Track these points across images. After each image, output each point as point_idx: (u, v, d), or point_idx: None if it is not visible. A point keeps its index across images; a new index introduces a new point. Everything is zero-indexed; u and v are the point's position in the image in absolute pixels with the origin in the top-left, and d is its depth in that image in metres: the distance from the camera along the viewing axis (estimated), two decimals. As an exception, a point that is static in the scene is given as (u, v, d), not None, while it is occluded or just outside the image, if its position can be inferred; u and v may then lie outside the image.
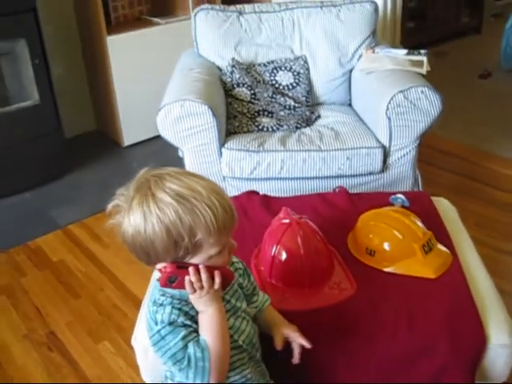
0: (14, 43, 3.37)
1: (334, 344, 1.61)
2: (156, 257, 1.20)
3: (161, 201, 1.15)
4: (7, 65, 3.49)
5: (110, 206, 1.24)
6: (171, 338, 1.22)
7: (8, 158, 3.46)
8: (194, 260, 1.21)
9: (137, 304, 2.37)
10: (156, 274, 1.32)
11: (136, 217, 1.17)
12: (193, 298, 1.23)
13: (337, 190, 2.29)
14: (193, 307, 1.25)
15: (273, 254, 1.73)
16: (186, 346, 1.22)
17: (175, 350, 1.23)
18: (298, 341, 1.44)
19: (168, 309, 1.23)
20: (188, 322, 1.24)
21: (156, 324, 1.24)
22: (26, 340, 2.42)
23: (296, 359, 1.44)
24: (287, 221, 1.75)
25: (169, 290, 1.25)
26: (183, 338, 1.22)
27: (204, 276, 1.20)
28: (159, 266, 1.23)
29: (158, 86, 3.20)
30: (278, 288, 1.73)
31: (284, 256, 1.72)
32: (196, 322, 1.25)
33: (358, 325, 1.63)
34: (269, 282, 1.75)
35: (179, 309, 1.24)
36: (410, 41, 4.54)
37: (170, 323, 1.22)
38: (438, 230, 1.91)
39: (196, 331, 1.25)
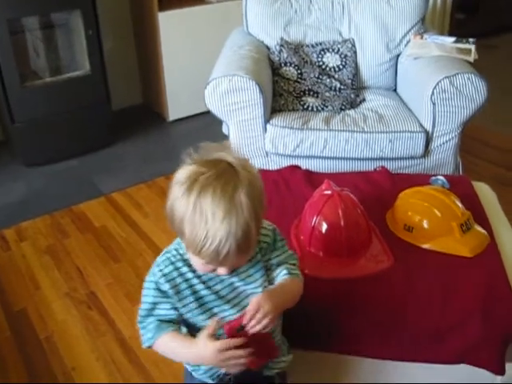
0: (70, 14, 3.48)
1: (366, 314, 1.64)
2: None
3: (195, 196, 1.16)
4: (62, 35, 3.61)
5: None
6: (147, 293, 1.34)
7: (58, 126, 3.58)
8: None
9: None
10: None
11: (175, 190, 1.21)
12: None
13: (378, 169, 2.32)
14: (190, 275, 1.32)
15: (313, 223, 1.78)
16: (151, 314, 1.33)
17: (143, 307, 1.34)
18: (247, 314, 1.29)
19: (149, 285, 1.34)
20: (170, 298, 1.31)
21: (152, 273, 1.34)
22: (66, 298, 2.52)
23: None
24: (329, 192, 1.79)
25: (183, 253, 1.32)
26: (153, 304, 1.32)
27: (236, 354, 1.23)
28: None
29: (206, 63, 3.27)
30: (316, 256, 1.78)
31: (324, 226, 1.77)
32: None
33: (393, 297, 1.66)
34: (308, 251, 1.80)
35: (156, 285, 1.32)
36: (458, 33, 4.47)
37: (156, 284, 1.32)
38: (476, 212, 1.93)
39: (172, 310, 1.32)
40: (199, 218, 1.14)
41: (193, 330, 1.33)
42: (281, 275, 1.39)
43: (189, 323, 1.34)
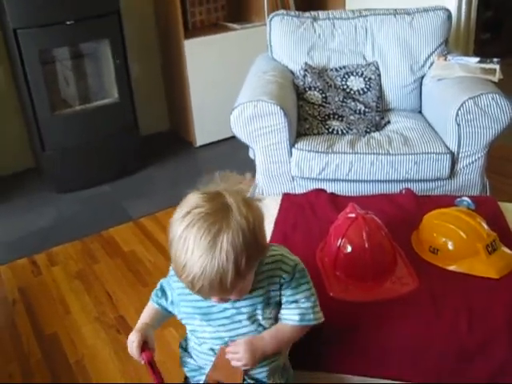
0: (98, 44, 3.57)
1: (393, 336, 1.64)
2: None
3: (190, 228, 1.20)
4: (90, 64, 3.70)
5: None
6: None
7: (87, 153, 3.66)
8: None
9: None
10: None
11: (176, 212, 1.26)
12: None
13: (403, 191, 2.33)
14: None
15: (338, 246, 1.79)
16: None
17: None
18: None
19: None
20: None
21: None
22: (96, 322, 2.55)
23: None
24: (353, 215, 1.80)
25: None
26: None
27: None
28: None
29: (231, 88, 3.31)
30: (341, 279, 1.79)
31: (349, 249, 1.78)
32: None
33: (418, 319, 1.66)
34: (333, 273, 1.81)
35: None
36: (483, 52, 4.47)
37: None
38: (503, 233, 1.92)
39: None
40: (182, 247, 1.18)
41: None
42: (286, 318, 1.41)
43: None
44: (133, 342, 1.39)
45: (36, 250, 3.09)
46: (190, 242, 1.16)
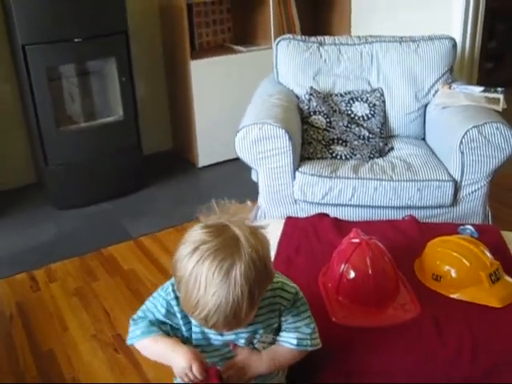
0: (105, 62, 3.59)
1: (394, 362, 1.63)
2: None
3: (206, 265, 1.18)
4: (96, 82, 3.72)
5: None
6: (155, 303, 1.41)
7: (90, 170, 3.66)
8: None
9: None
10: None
11: (181, 249, 1.24)
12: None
13: (406, 217, 2.33)
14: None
15: (341, 271, 1.79)
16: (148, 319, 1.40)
17: (146, 310, 1.42)
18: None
19: (161, 300, 1.40)
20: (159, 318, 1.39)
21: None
22: (93, 340, 2.53)
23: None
24: (357, 240, 1.80)
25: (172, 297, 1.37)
26: (156, 319, 1.40)
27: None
28: None
29: (236, 110, 3.33)
30: (344, 305, 1.78)
31: (352, 274, 1.77)
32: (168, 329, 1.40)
33: (420, 346, 1.65)
34: (335, 298, 1.80)
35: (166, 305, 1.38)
36: (487, 82, 4.50)
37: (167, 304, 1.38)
38: (506, 262, 1.91)
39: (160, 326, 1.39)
40: (193, 285, 1.17)
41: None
42: (284, 341, 1.41)
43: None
44: (190, 367, 1.28)
45: (35, 265, 3.07)
46: (202, 280, 1.15)
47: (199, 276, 1.15)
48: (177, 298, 1.35)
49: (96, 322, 2.64)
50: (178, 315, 1.36)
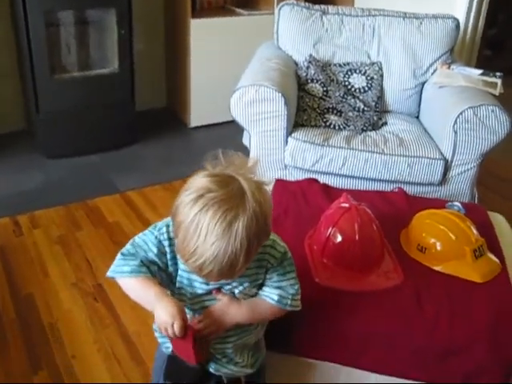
0: (104, 12, 3.54)
1: (373, 326, 1.65)
2: None
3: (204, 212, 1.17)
4: (94, 32, 3.68)
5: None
6: (145, 240, 1.38)
7: (81, 121, 3.63)
8: None
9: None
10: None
11: (183, 195, 1.23)
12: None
13: (395, 190, 2.34)
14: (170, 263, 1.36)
15: (328, 234, 1.79)
16: (138, 257, 1.35)
17: (135, 246, 1.38)
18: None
19: (152, 238, 1.36)
20: (151, 259, 1.35)
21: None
22: (74, 288, 2.53)
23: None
24: (346, 205, 1.81)
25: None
26: (147, 257, 1.35)
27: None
28: None
29: (233, 73, 3.29)
30: (328, 267, 1.79)
31: (339, 238, 1.78)
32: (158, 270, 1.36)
33: (400, 313, 1.67)
34: (320, 261, 1.81)
35: (158, 244, 1.35)
36: (484, 69, 4.51)
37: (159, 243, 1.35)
38: (490, 241, 1.94)
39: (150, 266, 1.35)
40: (193, 232, 1.15)
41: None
42: (266, 296, 1.40)
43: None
44: (171, 323, 1.23)
45: (19, 210, 3.06)
46: (203, 228, 1.14)
47: (201, 224, 1.14)
48: (170, 239, 1.33)
49: (77, 271, 2.64)
50: (168, 256, 1.35)
